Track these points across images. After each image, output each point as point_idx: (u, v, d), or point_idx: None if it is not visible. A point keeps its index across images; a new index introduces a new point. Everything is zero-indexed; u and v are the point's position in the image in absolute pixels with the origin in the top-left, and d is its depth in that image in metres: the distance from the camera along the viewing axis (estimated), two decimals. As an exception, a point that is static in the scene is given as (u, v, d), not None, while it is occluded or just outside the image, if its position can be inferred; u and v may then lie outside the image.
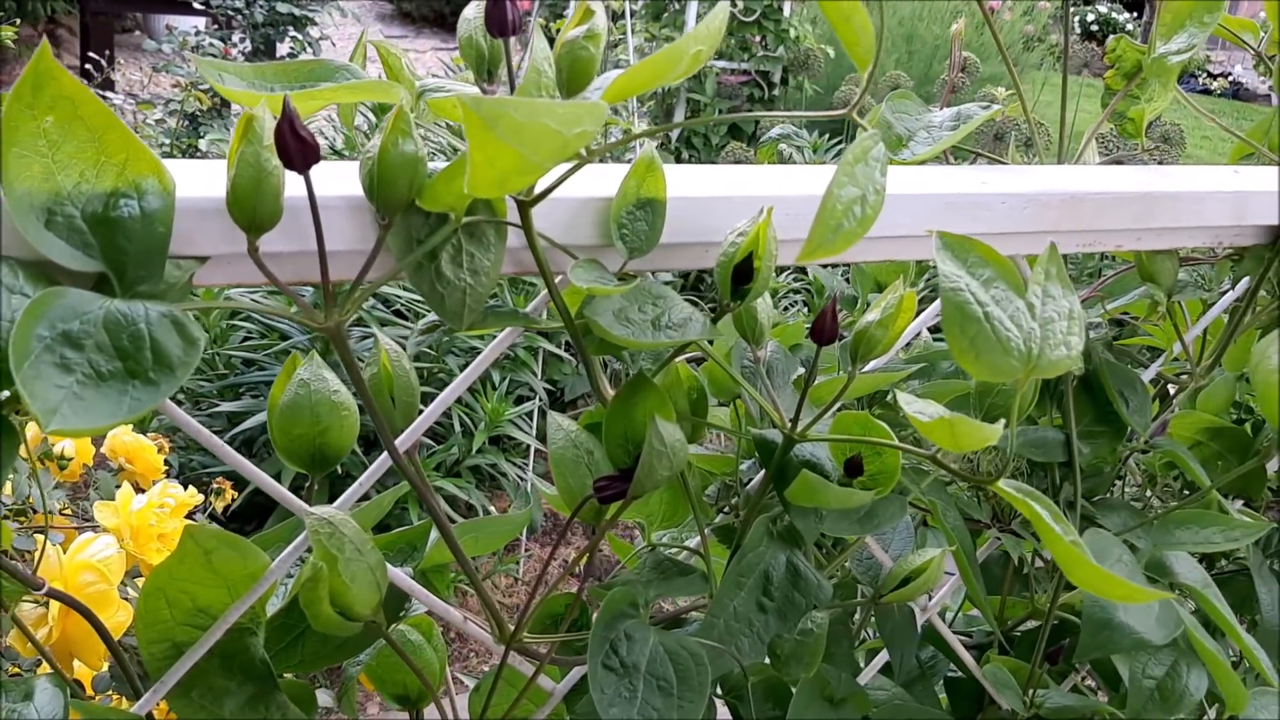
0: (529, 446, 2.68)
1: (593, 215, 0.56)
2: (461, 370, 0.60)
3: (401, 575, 0.62)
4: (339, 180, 0.50)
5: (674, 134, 4.58)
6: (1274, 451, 0.78)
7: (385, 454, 0.60)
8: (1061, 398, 0.82)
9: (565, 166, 0.51)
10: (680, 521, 0.72)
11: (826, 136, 4.51)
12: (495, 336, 0.60)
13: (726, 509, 0.72)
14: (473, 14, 0.52)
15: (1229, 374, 0.96)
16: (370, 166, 0.47)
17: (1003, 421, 0.50)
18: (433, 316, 0.56)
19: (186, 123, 3.48)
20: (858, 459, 0.60)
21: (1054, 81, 7.31)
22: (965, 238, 0.51)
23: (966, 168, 0.71)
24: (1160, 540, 0.76)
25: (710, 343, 0.61)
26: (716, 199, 0.59)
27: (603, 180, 0.56)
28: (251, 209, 0.45)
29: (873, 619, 0.84)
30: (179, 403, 2.59)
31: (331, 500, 0.62)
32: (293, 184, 0.47)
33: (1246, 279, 0.82)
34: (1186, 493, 0.94)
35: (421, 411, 0.61)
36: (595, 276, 0.53)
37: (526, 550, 2.63)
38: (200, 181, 0.48)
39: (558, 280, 0.55)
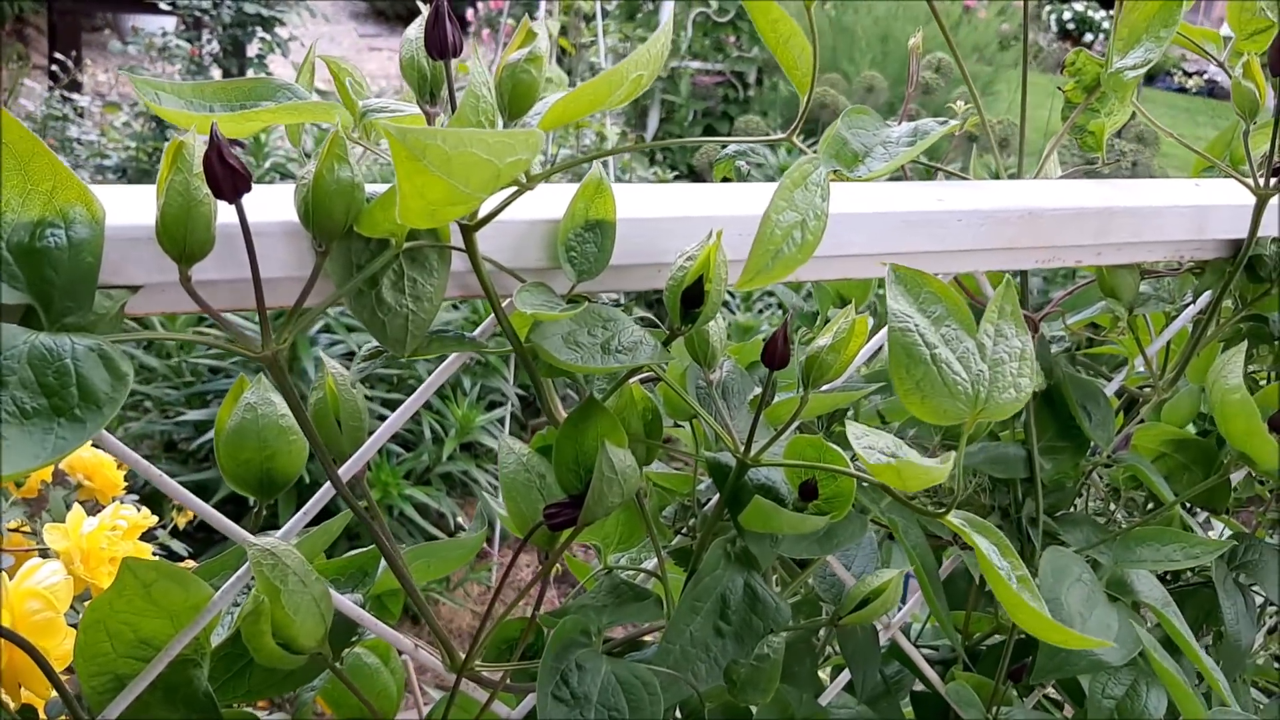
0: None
1: (540, 238, 0.55)
2: (430, 375, 0.59)
3: (349, 604, 0.61)
4: (275, 205, 0.49)
5: (649, 135, 4.58)
6: (1234, 466, 0.78)
7: (350, 468, 0.59)
8: (1024, 413, 0.81)
9: (509, 191, 0.50)
10: (637, 543, 0.71)
11: (801, 138, 4.51)
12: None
13: (684, 530, 0.71)
14: (415, 34, 0.51)
15: (1193, 385, 0.96)
16: (305, 193, 0.46)
17: (951, 459, 0.49)
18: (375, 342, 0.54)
19: (154, 125, 3.45)
20: (812, 482, 0.59)
21: (1031, 80, 7.32)
22: (919, 272, 0.50)
23: (923, 184, 0.70)
24: (1121, 558, 0.76)
25: (664, 366, 0.60)
26: (667, 219, 0.58)
27: (551, 202, 0.55)
28: (182, 239, 0.44)
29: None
30: (145, 410, 2.57)
31: (299, 507, 0.61)
32: (230, 208, 0.46)
33: (1208, 292, 0.82)
34: (1151, 506, 0.94)
35: (388, 417, 0.60)
36: (542, 301, 0.52)
37: (500, 559, 2.61)
38: (131, 209, 0.47)
39: (505, 304, 0.54)
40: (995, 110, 5.67)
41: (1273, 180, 0.75)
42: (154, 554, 1.22)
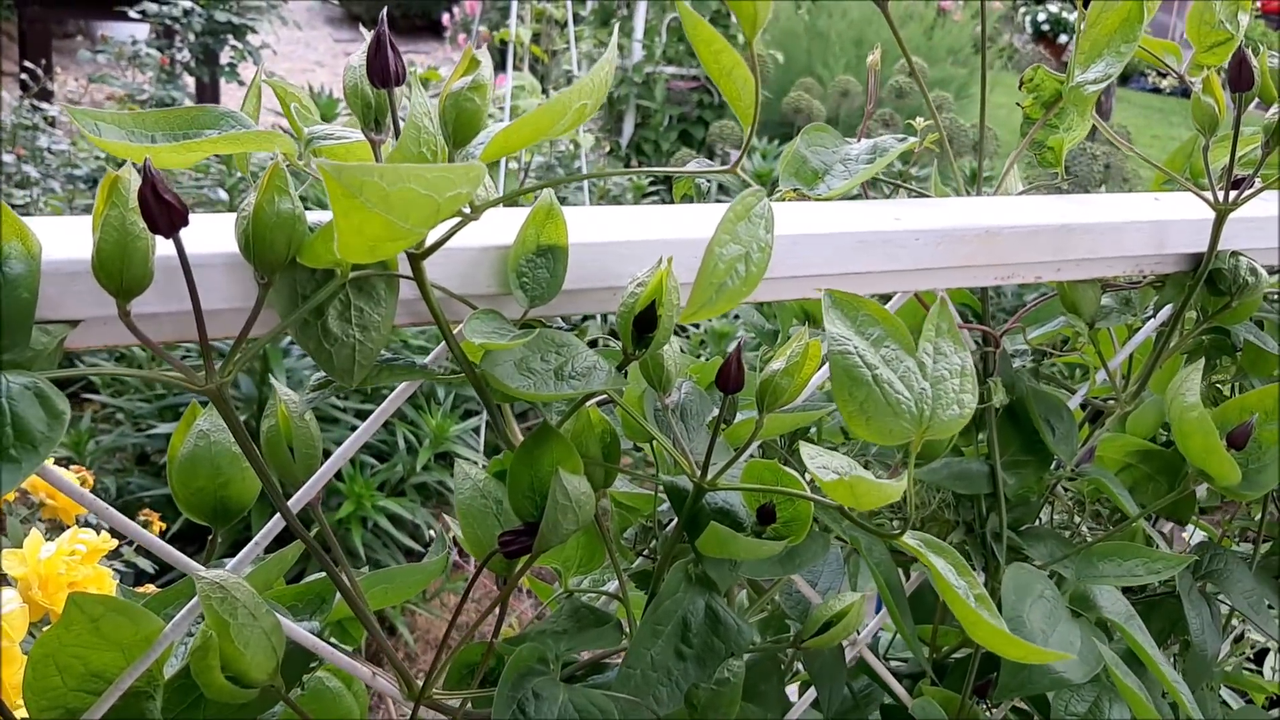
0: (477, 463, 2.65)
1: (491, 264, 0.54)
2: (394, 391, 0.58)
3: (303, 633, 0.60)
4: (217, 236, 0.49)
5: (624, 141, 4.57)
6: (1196, 480, 0.78)
7: (300, 499, 0.58)
8: (987, 428, 0.81)
9: (456, 219, 0.50)
10: (598, 565, 0.70)
11: (775, 142, 4.52)
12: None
13: (646, 552, 0.70)
14: (358, 61, 0.50)
15: (1158, 396, 0.96)
16: (245, 226, 0.45)
17: (905, 479, 0.49)
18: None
19: (125, 135, 3.40)
20: (770, 506, 0.59)
21: (1005, 82, 7.35)
22: (855, 296, 0.50)
23: (881, 203, 0.70)
24: (1084, 574, 0.76)
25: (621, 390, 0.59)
26: (620, 243, 0.57)
27: (502, 227, 0.55)
28: (119, 275, 0.44)
29: (801, 654, 0.83)
30: (117, 423, 2.55)
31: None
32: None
33: (1170, 305, 0.82)
34: (1117, 518, 0.94)
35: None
36: (493, 328, 0.52)
37: (474, 567, 2.59)
38: (69, 242, 0.46)
39: (457, 331, 0.54)
40: (970, 114, 5.68)
41: (1232, 194, 0.75)
42: (118, 572, 1.21)
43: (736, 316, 3.36)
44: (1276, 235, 0.81)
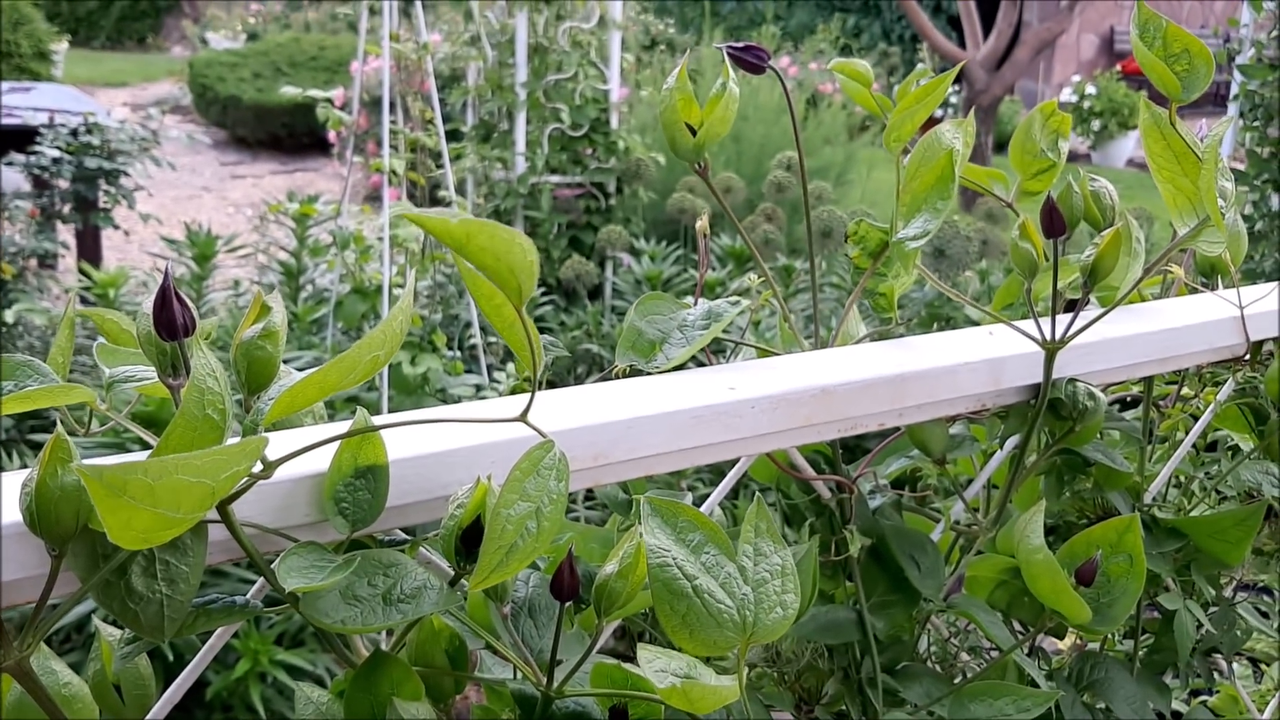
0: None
1: (308, 493, 0.53)
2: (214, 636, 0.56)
3: None
4: (11, 500, 0.47)
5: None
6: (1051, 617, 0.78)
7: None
8: (852, 570, 0.81)
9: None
10: (461, 768, 0.68)
11: (664, 243, 4.58)
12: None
13: (509, 749, 0.68)
14: (149, 309, 0.49)
15: (1023, 511, 0.97)
16: (29, 502, 0.44)
17: (737, 682, 0.48)
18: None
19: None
20: (622, 707, 0.58)
21: (886, 160, 7.55)
22: (673, 502, 0.50)
23: (716, 370, 0.70)
24: (956, 716, 0.76)
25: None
26: (443, 453, 0.56)
27: (319, 455, 0.54)
28: (-110, 569, 0.41)
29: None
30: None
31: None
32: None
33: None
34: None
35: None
36: (310, 562, 0.50)
37: None
38: None
39: (275, 565, 0.52)
40: (848, 199, 5.83)
41: (1064, 319, 0.77)
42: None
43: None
44: (1109, 358, 0.83)
